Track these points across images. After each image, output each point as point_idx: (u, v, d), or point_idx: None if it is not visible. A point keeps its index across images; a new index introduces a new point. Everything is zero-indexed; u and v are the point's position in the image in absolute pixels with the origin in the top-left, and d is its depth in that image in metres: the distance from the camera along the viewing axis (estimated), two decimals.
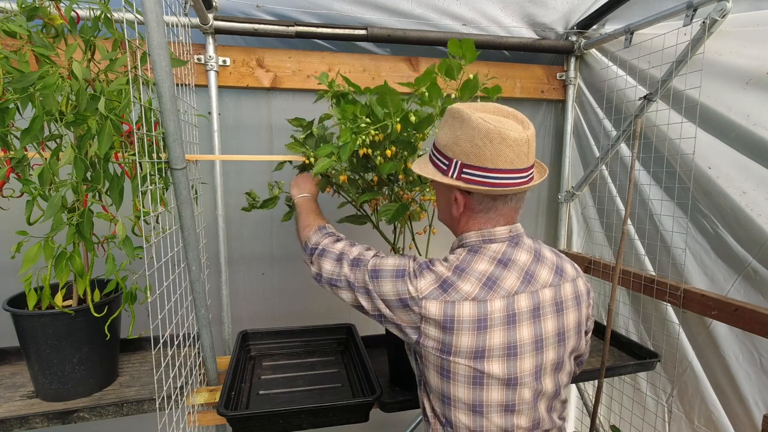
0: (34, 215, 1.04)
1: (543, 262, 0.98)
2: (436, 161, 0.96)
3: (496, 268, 0.93)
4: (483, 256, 0.94)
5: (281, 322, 1.89)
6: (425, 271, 0.93)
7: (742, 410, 1.45)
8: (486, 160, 0.88)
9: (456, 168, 0.91)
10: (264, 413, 1.17)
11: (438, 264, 0.94)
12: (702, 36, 1.38)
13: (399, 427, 2.11)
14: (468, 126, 0.89)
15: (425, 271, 0.93)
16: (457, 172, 0.91)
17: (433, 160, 0.97)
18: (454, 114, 0.93)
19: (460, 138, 0.90)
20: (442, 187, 1.00)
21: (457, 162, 0.91)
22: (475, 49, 1.15)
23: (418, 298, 0.91)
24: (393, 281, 0.94)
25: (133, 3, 0.91)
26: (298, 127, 1.40)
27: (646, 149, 1.66)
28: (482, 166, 0.88)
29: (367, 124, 1.18)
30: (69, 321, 1.13)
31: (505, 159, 0.88)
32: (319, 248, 1.10)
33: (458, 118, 0.91)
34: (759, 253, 1.34)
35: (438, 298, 0.90)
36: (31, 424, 1.12)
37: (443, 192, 1.01)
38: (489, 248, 0.96)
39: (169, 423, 1.05)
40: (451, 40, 1.15)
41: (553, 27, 1.89)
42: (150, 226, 0.99)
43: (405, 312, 0.93)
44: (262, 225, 1.88)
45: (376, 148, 1.21)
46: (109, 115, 0.97)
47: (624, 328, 1.90)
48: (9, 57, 0.97)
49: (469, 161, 0.89)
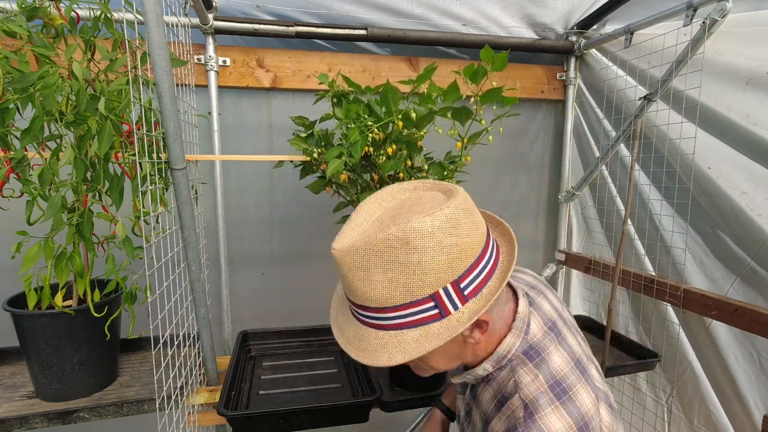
0: (34, 215, 1.04)
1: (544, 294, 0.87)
2: (412, 317, 0.65)
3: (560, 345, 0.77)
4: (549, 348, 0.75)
5: (281, 322, 1.89)
6: None
7: (742, 410, 1.45)
8: (470, 254, 0.65)
9: (452, 295, 0.64)
10: (264, 413, 1.17)
11: (541, 415, 0.67)
12: (702, 36, 1.38)
13: (399, 428, 2.11)
14: (422, 252, 0.62)
15: None
16: (458, 297, 0.65)
17: (406, 321, 0.66)
18: (376, 252, 0.63)
19: (426, 264, 0.62)
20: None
21: (446, 288, 0.64)
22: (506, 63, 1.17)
23: None
24: None
25: (133, 3, 0.91)
26: (300, 125, 1.41)
27: (646, 149, 1.66)
28: (472, 263, 0.66)
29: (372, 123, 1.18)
30: (69, 321, 1.13)
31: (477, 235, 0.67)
32: None
33: (390, 245, 0.62)
34: (758, 254, 1.34)
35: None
36: (31, 424, 1.12)
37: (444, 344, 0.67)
38: (533, 332, 0.77)
39: (169, 423, 1.05)
40: (486, 48, 1.16)
41: (553, 27, 1.89)
42: (150, 226, 0.99)
43: None
44: (262, 225, 1.88)
45: (378, 147, 1.22)
46: (109, 115, 0.97)
47: (624, 328, 1.90)
48: (9, 57, 0.97)
49: (456, 275, 0.64)
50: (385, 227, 0.63)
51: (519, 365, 0.74)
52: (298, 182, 1.89)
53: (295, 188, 1.89)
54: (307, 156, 1.32)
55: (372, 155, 1.23)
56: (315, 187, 1.40)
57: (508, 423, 0.70)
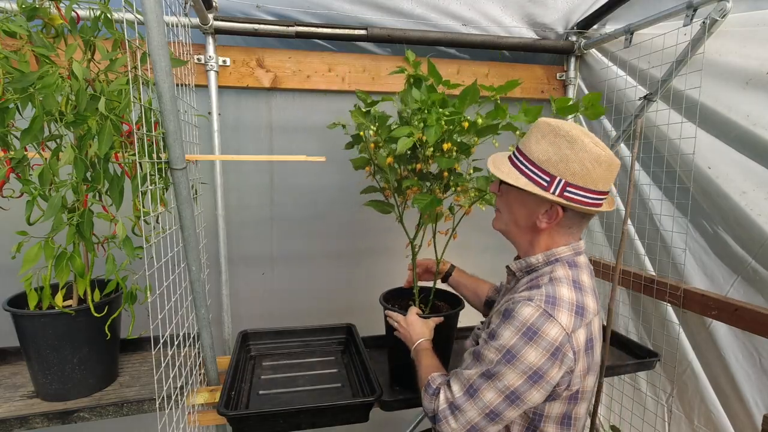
0: (34, 215, 1.04)
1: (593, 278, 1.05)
2: (531, 174, 0.95)
3: (592, 281, 1.00)
4: (583, 269, 0.99)
5: (281, 322, 1.89)
6: (556, 309, 0.90)
7: (742, 410, 1.45)
8: (591, 182, 0.92)
9: (559, 185, 0.93)
10: (264, 413, 1.17)
11: (560, 287, 0.93)
12: (702, 36, 1.38)
13: (399, 428, 2.11)
14: (579, 148, 0.92)
15: (556, 309, 0.90)
16: (560, 190, 0.93)
17: (525, 173, 0.96)
18: (559, 133, 0.93)
19: (570, 158, 0.92)
20: (530, 199, 0.98)
21: (560, 180, 0.92)
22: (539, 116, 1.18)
23: (569, 337, 0.89)
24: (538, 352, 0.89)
25: (133, 3, 0.91)
26: (362, 100, 1.38)
27: (646, 149, 1.67)
28: (587, 187, 0.93)
29: (449, 114, 1.19)
30: (69, 321, 1.13)
31: (606, 182, 0.95)
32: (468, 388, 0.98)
33: (567, 138, 0.93)
34: (759, 253, 1.34)
35: (580, 326, 0.91)
36: (31, 424, 1.12)
37: (527, 204, 1.00)
38: (581, 261, 1.01)
39: (169, 423, 1.05)
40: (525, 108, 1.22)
41: (553, 27, 1.89)
42: (150, 226, 0.99)
43: (559, 365, 0.89)
44: (262, 225, 1.88)
45: None
46: (109, 115, 0.97)
47: (624, 328, 1.90)
48: (9, 57, 0.97)
49: (574, 181, 0.92)
50: (570, 132, 0.93)
51: (561, 265, 0.99)
52: (297, 182, 1.90)
53: (296, 188, 1.89)
54: (361, 131, 1.33)
55: (420, 146, 1.24)
56: (358, 162, 1.40)
57: (531, 287, 0.96)
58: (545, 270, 1.00)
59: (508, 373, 0.89)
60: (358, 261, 2.00)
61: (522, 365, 0.88)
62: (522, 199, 1.00)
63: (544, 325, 0.88)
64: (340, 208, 1.91)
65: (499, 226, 1.10)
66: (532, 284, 0.98)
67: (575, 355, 0.89)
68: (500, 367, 0.90)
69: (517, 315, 0.90)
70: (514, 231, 1.07)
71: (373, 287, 1.50)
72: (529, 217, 1.01)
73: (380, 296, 1.46)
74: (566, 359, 0.89)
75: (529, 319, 0.89)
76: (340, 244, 1.97)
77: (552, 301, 0.90)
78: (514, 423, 0.98)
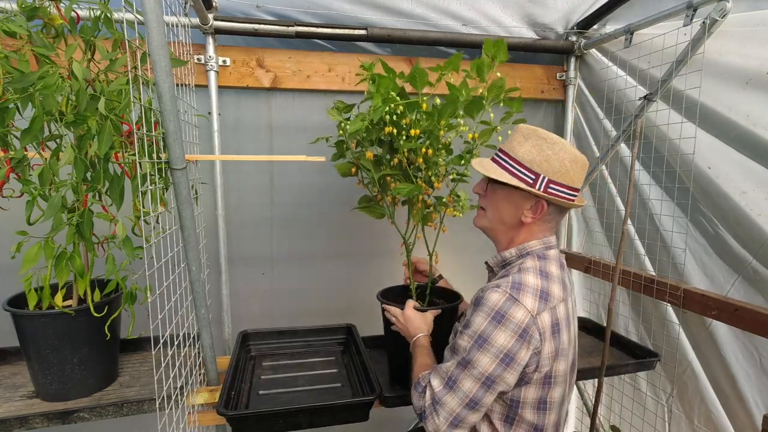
0: (34, 215, 1.04)
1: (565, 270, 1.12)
2: (517, 173, 1.05)
3: (561, 272, 1.07)
4: (551, 261, 1.07)
5: (281, 322, 1.89)
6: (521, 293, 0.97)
7: (742, 410, 1.45)
8: (569, 179, 1.04)
9: (543, 182, 1.03)
10: (264, 413, 1.17)
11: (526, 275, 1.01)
12: (702, 36, 1.38)
13: (399, 427, 2.11)
14: (559, 149, 1.03)
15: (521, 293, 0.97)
16: (544, 186, 1.03)
17: (512, 171, 1.06)
18: (540, 135, 1.05)
19: (551, 158, 1.02)
20: (517, 196, 1.08)
21: (544, 177, 1.03)
22: (507, 53, 1.23)
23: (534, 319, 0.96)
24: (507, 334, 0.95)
25: (133, 3, 0.91)
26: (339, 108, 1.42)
27: (646, 149, 1.66)
28: (565, 183, 1.04)
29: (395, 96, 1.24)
30: (69, 321, 1.13)
31: (579, 180, 1.06)
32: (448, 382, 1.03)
33: (547, 140, 1.04)
34: (759, 253, 1.34)
35: (545, 309, 0.98)
36: (31, 424, 1.12)
37: (513, 200, 1.09)
38: (551, 254, 1.09)
39: (169, 423, 1.05)
40: (487, 40, 1.23)
41: (553, 27, 1.89)
42: (150, 226, 0.99)
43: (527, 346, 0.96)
44: (262, 225, 1.88)
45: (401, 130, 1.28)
46: (109, 115, 0.97)
47: (624, 328, 1.90)
48: (9, 57, 0.97)
49: (555, 178, 1.03)
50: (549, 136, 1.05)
51: (530, 258, 1.07)
52: (297, 182, 1.90)
53: (296, 188, 1.89)
54: (340, 130, 1.35)
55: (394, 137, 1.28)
56: (343, 168, 1.41)
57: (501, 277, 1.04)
58: (517, 263, 1.08)
59: (481, 359, 0.95)
60: (358, 261, 2.00)
61: (493, 348, 0.94)
62: (509, 196, 1.09)
63: (510, 309, 0.95)
64: (340, 208, 1.91)
65: (482, 223, 1.18)
66: (502, 274, 1.07)
67: (541, 336, 0.96)
68: (473, 353, 0.96)
69: (485, 302, 0.98)
70: (497, 227, 1.14)
71: (373, 287, 1.50)
72: (515, 212, 1.09)
73: (378, 293, 1.46)
74: (533, 340, 0.95)
75: (497, 304, 0.96)
76: (340, 244, 1.97)
77: (517, 287, 0.98)
78: (494, 411, 1.05)
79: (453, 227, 1.50)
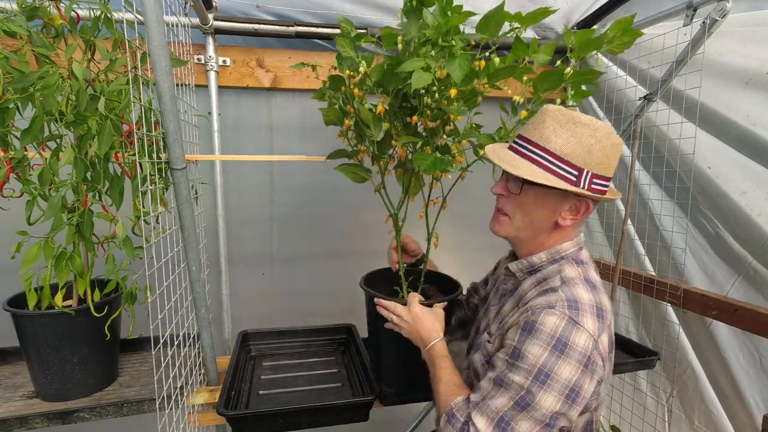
0: (34, 215, 1.04)
1: None
2: (556, 170, 0.87)
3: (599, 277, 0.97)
4: (590, 265, 0.96)
5: (281, 322, 1.88)
6: (581, 315, 0.83)
7: (742, 410, 1.45)
8: (608, 169, 0.89)
9: (587, 178, 0.87)
10: (264, 413, 1.17)
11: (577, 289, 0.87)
12: (702, 36, 1.38)
13: (398, 428, 2.11)
14: (601, 136, 0.87)
15: (581, 315, 0.83)
16: (588, 183, 0.87)
17: (550, 168, 0.88)
18: (579, 121, 0.87)
19: (593, 148, 0.86)
20: (552, 197, 0.91)
21: (588, 172, 0.87)
22: None
23: (596, 344, 0.82)
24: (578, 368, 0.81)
25: (133, 3, 0.91)
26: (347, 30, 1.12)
27: (646, 149, 1.66)
28: (605, 175, 0.89)
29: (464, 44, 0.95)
30: (69, 321, 1.13)
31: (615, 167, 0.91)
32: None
33: (589, 126, 0.87)
34: (759, 253, 1.34)
35: (603, 329, 0.84)
36: (31, 424, 1.12)
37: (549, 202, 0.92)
38: (584, 256, 0.97)
39: (169, 423, 1.05)
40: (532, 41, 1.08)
41: (553, 27, 1.89)
42: (150, 226, 0.99)
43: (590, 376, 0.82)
44: (262, 225, 1.88)
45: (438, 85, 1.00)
46: (109, 115, 0.97)
47: (624, 328, 1.90)
48: (9, 57, 0.97)
49: (597, 171, 0.88)
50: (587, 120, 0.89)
51: (567, 263, 0.94)
52: (297, 182, 1.90)
53: (296, 188, 1.89)
54: (347, 69, 1.09)
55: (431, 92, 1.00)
56: (331, 114, 1.16)
57: (545, 292, 0.89)
58: (551, 269, 0.94)
59: (544, 399, 0.80)
60: (359, 261, 2.00)
61: (557, 384, 0.79)
62: (543, 196, 0.92)
63: (572, 335, 0.80)
64: (341, 208, 1.91)
65: (507, 232, 0.99)
66: (544, 288, 0.91)
67: (603, 362, 0.83)
68: (534, 392, 0.80)
69: (541, 327, 0.82)
70: (525, 234, 0.98)
71: None
72: (551, 216, 0.94)
73: (361, 280, 1.27)
74: (597, 368, 0.82)
75: (556, 329, 0.81)
76: (340, 244, 1.97)
77: (574, 306, 0.83)
78: None
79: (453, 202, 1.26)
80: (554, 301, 0.84)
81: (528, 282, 0.97)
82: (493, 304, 1.10)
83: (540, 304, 0.86)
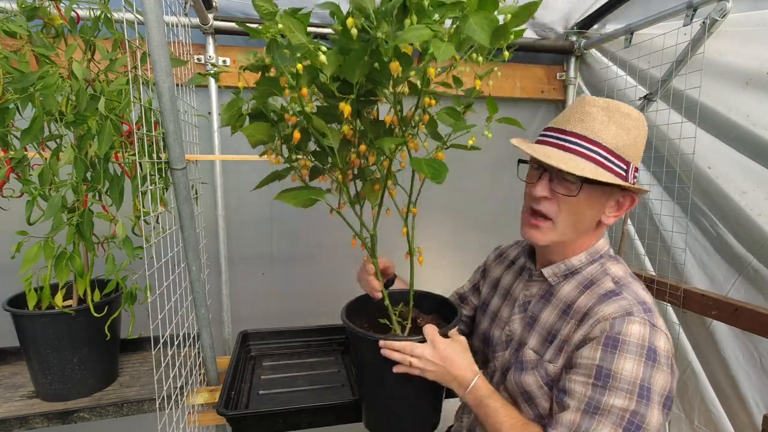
0: (34, 215, 1.04)
1: None
2: (610, 165, 0.81)
3: None
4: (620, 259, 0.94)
5: (281, 322, 1.88)
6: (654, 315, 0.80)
7: (742, 410, 1.45)
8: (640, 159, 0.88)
9: (632, 172, 0.85)
10: (263, 412, 1.17)
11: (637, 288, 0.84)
12: (702, 36, 1.38)
13: None
14: (641, 124, 0.84)
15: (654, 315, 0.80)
16: (632, 176, 0.85)
17: (603, 164, 0.81)
18: (621, 110, 0.83)
19: (638, 139, 0.84)
20: (599, 193, 0.84)
21: (632, 165, 0.84)
22: None
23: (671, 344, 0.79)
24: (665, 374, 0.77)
25: (133, 3, 0.91)
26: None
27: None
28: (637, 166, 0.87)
29: None
30: (69, 321, 1.13)
31: None
32: None
33: (628, 115, 0.83)
34: (759, 253, 1.34)
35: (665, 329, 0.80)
36: (31, 424, 1.12)
37: (596, 200, 0.85)
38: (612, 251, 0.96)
39: (169, 423, 1.05)
40: None
41: (553, 27, 1.89)
42: (150, 226, 0.99)
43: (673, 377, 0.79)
44: (262, 225, 1.88)
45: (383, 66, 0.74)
46: (109, 115, 0.97)
47: None
48: (9, 57, 0.97)
49: (636, 163, 0.86)
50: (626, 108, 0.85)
51: (607, 261, 0.91)
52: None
53: None
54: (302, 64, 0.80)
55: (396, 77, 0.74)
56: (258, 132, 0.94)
57: (606, 296, 0.83)
58: (591, 270, 0.89)
59: (652, 415, 0.73)
60: (359, 261, 2.00)
61: (657, 396, 0.74)
62: (595, 196, 0.84)
63: (656, 340, 0.76)
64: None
65: (551, 238, 0.88)
66: (599, 292, 0.84)
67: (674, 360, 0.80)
68: (642, 412, 0.73)
69: (628, 339, 0.75)
70: (570, 238, 0.89)
71: None
72: (597, 215, 0.87)
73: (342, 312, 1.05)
74: (675, 368, 0.78)
75: (644, 338, 0.76)
76: (341, 244, 1.96)
77: (645, 308, 0.79)
78: None
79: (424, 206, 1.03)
80: (629, 307, 0.78)
81: (568, 287, 0.90)
82: (516, 313, 1.00)
83: (614, 313, 0.78)
